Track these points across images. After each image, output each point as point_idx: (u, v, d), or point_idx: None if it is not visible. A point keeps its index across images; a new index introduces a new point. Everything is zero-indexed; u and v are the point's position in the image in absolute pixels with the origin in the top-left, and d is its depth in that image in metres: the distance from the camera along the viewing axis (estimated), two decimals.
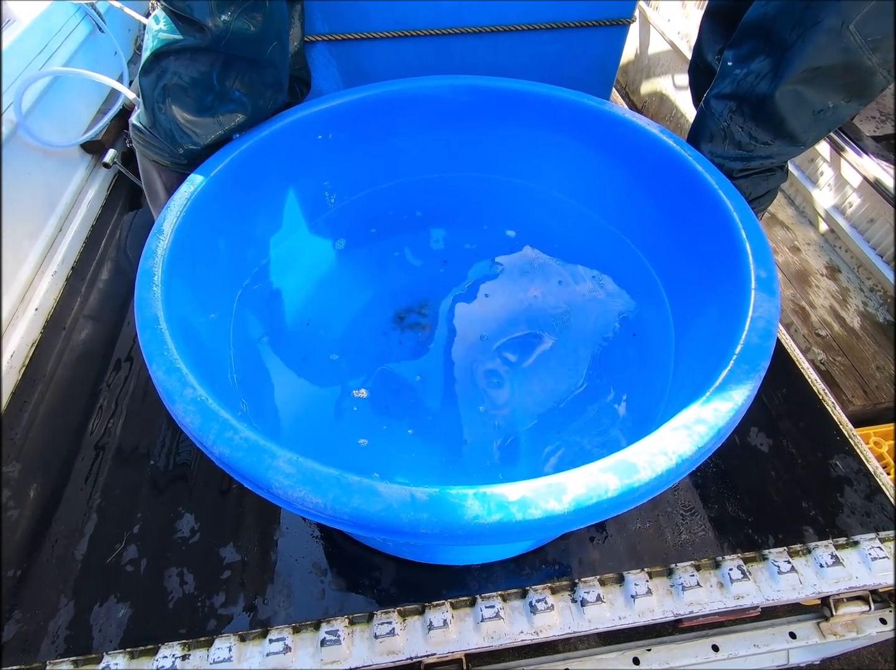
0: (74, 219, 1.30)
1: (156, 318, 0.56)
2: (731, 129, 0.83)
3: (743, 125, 0.82)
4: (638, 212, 0.95)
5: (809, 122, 0.79)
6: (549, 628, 0.74)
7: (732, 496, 0.88)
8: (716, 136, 0.86)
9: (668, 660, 0.81)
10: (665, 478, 0.46)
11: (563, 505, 0.43)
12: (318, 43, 1.12)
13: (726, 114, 0.83)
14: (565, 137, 0.99)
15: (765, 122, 0.80)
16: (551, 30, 1.15)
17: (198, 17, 0.69)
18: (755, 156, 0.84)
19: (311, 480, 0.44)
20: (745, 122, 0.82)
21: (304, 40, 1.10)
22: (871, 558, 0.80)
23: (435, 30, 1.12)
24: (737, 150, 0.84)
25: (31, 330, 1.10)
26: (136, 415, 0.98)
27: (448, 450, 0.83)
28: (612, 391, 0.88)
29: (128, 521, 0.84)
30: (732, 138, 0.84)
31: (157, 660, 0.71)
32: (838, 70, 0.72)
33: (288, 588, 0.77)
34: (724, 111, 0.83)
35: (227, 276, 0.86)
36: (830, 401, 1.00)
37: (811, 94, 0.76)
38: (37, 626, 0.75)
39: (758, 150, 0.83)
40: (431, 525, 0.42)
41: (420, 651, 0.72)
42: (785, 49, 0.73)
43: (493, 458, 0.82)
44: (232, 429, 0.47)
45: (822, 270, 1.64)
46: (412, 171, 1.09)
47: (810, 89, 0.75)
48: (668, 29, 2.20)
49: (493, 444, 0.83)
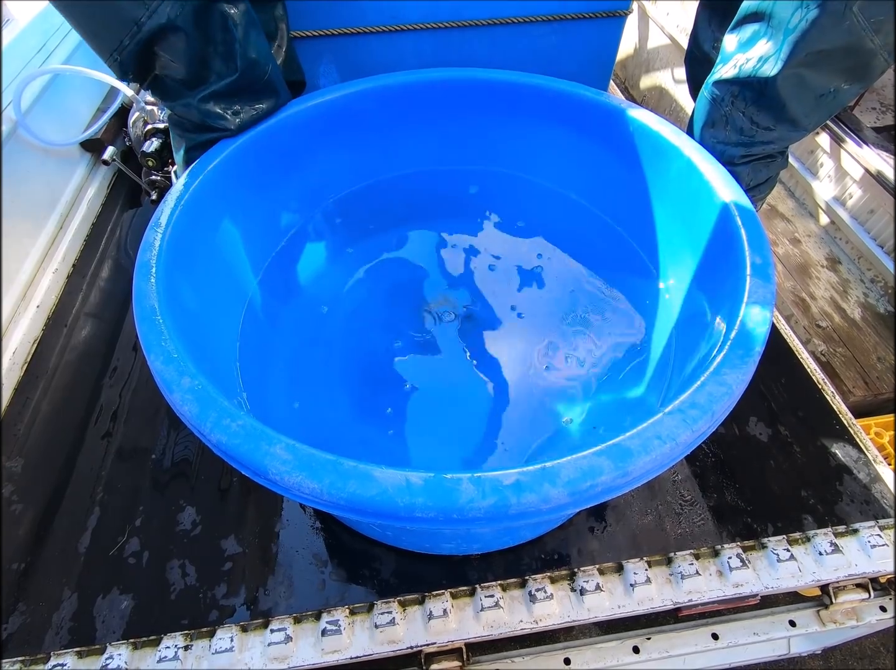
0: (75, 217, 1.30)
1: (154, 310, 0.57)
2: (732, 115, 0.83)
3: (744, 110, 0.81)
4: (631, 201, 0.95)
5: (811, 106, 0.79)
6: (549, 617, 0.74)
7: (732, 485, 0.88)
8: (717, 122, 0.85)
9: (668, 649, 0.82)
10: (659, 461, 0.47)
11: (557, 489, 0.43)
12: (314, 39, 1.12)
13: (728, 99, 0.82)
14: (561, 128, 0.99)
15: (766, 107, 0.80)
16: (548, 22, 1.15)
17: (219, 125, 0.80)
18: (756, 141, 0.83)
19: (307, 466, 0.44)
20: (747, 107, 0.81)
21: (301, 36, 1.10)
22: (870, 546, 0.80)
23: (431, 23, 1.12)
24: (738, 136, 0.84)
25: (33, 327, 1.11)
26: (139, 410, 0.99)
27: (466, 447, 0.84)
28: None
29: (130, 514, 0.85)
30: (734, 124, 0.83)
31: (159, 651, 0.72)
32: (840, 53, 0.72)
33: (289, 579, 0.78)
34: (726, 96, 0.82)
35: (226, 269, 0.86)
36: (830, 391, 0.99)
37: (813, 78, 0.75)
38: (41, 618, 0.75)
39: (759, 136, 0.83)
40: (427, 509, 0.42)
41: (420, 640, 0.72)
42: (787, 32, 0.72)
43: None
44: (229, 417, 0.47)
45: (823, 262, 1.63)
46: (409, 164, 1.10)
47: (812, 73, 0.75)
48: (668, 23, 2.19)
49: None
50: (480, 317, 1.01)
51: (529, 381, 0.91)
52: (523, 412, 0.88)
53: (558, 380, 0.91)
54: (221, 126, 0.81)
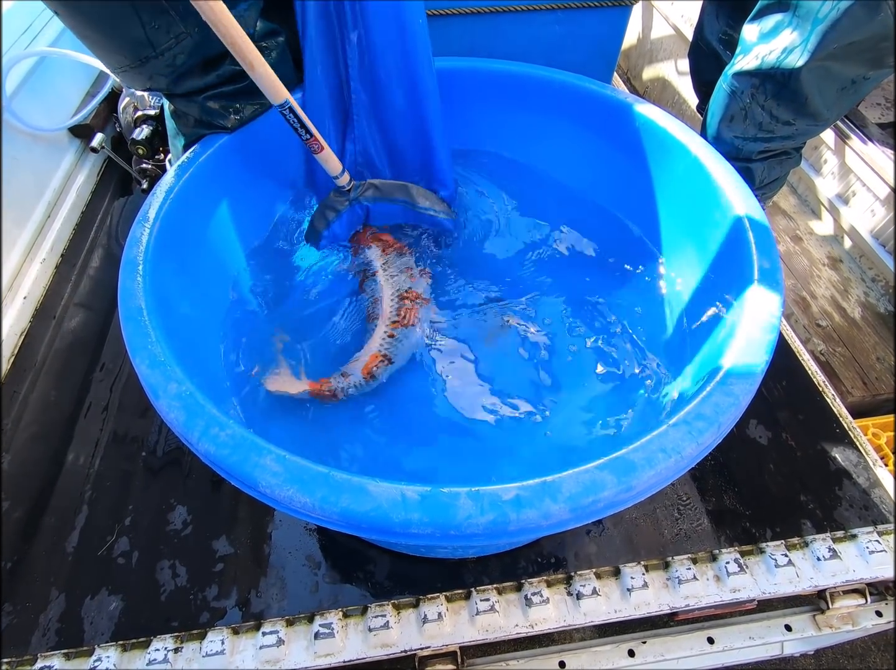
0: (63, 206, 1.27)
1: (140, 310, 0.55)
2: (751, 109, 0.80)
3: (764, 104, 0.78)
4: (640, 200, 0.93)
5: (833, 98, 0.76)
6: (545, 621, 0.73)
7: (730, 489, 0.87)
8: (736, 116, 0.82)
9: (664, 652, 0.81)
10: (664, 475, 0.45)
11: (558, 504, 0.42)
12: None
13: (748, 91, 0.79)
14: (565, 121, 0.97)
15: (787, 100, 0.77)
16: (552, 11, 1.12)
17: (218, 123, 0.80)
18: (776, 136, 0.81)
19: (298, 479, 0.42)
20: (767, 100, 0.78)
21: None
22: (868, 551, 0.80)
23: (432, 11, 1.09)
24: (757, 131, 0.81)
25: (21, 319, 1.08)
26: (129, 406, 0.97)
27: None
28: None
29: (119, 513, 0.83)
30: (753, 118, 0.80)
31: (149, 653, 0.71)
32: (870, 42, 0.69)
33: (281, 581, 0.77)
34: (746, 89, 0.79)
35: (216, 266, 0.84)
36: (830, 393, 0.98)
37: (839, 69, 0.72)
38: (28, 619, 0.74)
39: (778, 131, 0.80)
40: (423, 525, 0.41)
41: (414, 644, 0.72)
42: (816, 22, 0.68)
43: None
44: (218, 425, 0.45)
45: (824, 260, 1.62)
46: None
47: (838, 64, 0.72)
48: (672, 13, 2.14)
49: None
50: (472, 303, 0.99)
51: (528, 369, 0.89)
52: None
53: (558, 368, 0.89)
54: (220, 124, 0.80)
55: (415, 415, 0.82)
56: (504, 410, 0.82)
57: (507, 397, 0.84)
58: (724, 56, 1.07)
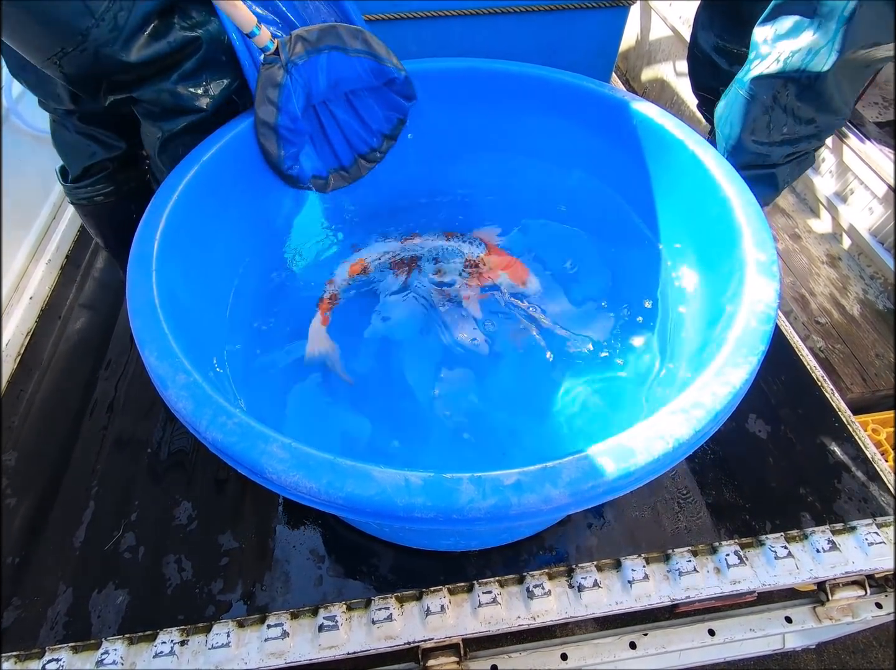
0: (69, 207, 1.28)
1: (148, 304, 0.56)
2: (774, 113, 0.78)
3: (786, 106, 0.77)
4: (639, 199, 0.94)
5: (850, 91, 0.75)
6: (546, 613, 0.74)
7: (730, 482, 0.88)
8: (759, 122, 0.80)
9: (665, 645, 0.82)
10: (662, 461, 0.46)
11: (558, 489, 0.43)
12: None
13: (770, 94, 0.77)
14: (565, 120, 0.98)
15: (810, 100, 0.75)
16: (551, 12, 1.13)
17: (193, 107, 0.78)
18: (801, 136, 0.79)
19: (304, 465, 0.43)
20: (789, 102, 0.76)
21: None
22: (867, 543, 0.80)
23: (432, 12, 1.11)
24: (782, 135, 0.79)
25: (27, 318, 1.10)
26: (134, 403, 0.98)
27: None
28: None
29: (126, 509, 0.84)
30: (777, 122, 0.79)
31: (155, 646, 0.72)
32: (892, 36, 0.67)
33: (286, 574, 0.78)
34: (768, 92, 0.77)
35: (223, 261, 0.85)
36: (829, 388, 0.99)
37: (860, 64, 0.72)
38: (36, 613, 0.75)
39: (802, 130, 0.78)
40: (426, 509, 0.42)
41: (417, 636, 0.72)
42: (841, 21, 0.66)
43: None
44: (225, 414, 0.47)
45: (823, 258, 1.63)
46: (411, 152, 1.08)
47: (860, 59, 0.71)
48: (670, 14, 2.16)
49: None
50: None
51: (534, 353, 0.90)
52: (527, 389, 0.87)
53: (560, 355, 0.90)
54: (196, 107, 0.78)
55: (412, 403, 0.84)
56: (505, 396, 0.84)
57: (506, 382, 0.85)
58: (720, 64, 1.05)
